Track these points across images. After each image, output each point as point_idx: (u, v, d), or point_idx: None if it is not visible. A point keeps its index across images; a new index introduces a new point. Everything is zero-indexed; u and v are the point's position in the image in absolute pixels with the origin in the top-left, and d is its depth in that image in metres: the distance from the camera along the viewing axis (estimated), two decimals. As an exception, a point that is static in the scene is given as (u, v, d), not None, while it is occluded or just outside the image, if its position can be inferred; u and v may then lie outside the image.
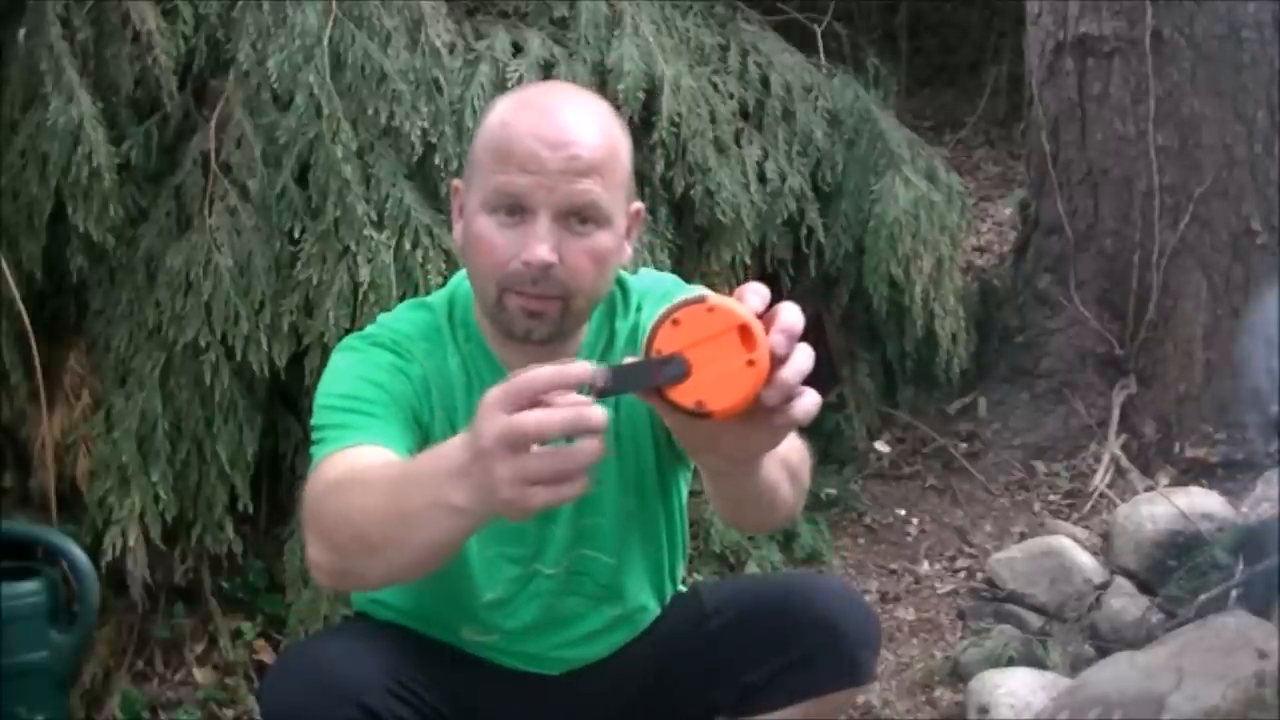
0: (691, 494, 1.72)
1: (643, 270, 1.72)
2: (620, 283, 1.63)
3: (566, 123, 1.48)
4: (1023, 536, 3.40)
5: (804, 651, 1.59)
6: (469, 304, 1.59)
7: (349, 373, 1.53)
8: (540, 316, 1.49)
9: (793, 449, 1.40)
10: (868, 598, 3.25)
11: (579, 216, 1.47)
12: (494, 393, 1.13)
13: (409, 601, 1.64)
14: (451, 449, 1.19)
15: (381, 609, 1.67)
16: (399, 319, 1.62)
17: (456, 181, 1.59)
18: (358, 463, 1.40)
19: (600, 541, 1.61)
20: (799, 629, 1.59)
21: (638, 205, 1.58)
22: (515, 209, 1.46)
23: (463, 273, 1.63)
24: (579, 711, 1.68)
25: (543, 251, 1.44)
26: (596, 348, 1.61)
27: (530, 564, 1.60)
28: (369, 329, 1.62)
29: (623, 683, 1.68)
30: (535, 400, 1.11)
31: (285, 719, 1.48)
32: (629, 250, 1.57)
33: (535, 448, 1.11)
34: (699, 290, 1.20)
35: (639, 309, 1.62)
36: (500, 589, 1.60)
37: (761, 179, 3.42)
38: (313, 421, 1.52)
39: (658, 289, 1.64)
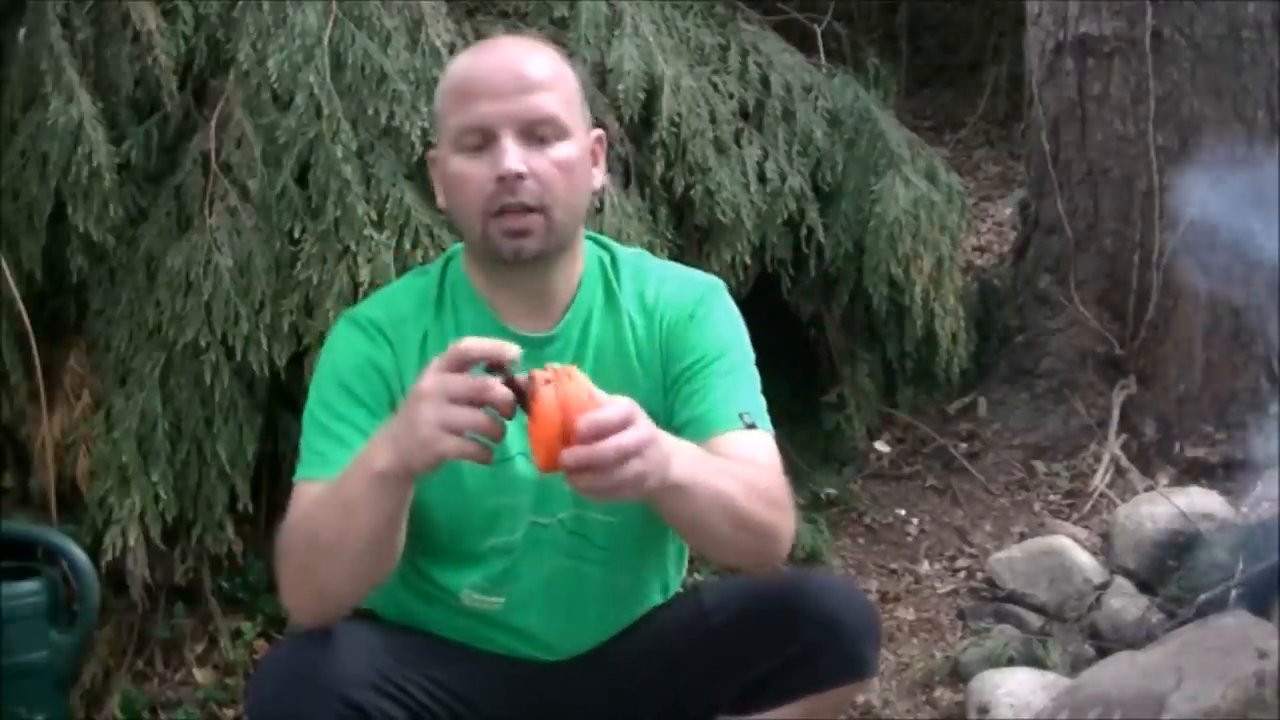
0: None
1: (636, 248, 1.79)
2: (603, 244, 1.73)
3: (512, 53, 1.62)
4: (1023, 536, 3.40)
5: (805, 647, 1.59)
6: (460, 267, 1.68)
7: (331, 373, 1.63)
8: (525, 234, 1.58)
9: (745, 492, 1.48)
10: (867, 598, 3.25)
11: (538, 132, 1.57)
12: (440, 356, 1.36)
13: (412, 563, 1.64)
14: (380, 430, 1.42)
15: (383, 596, 1.67)
16: (392, 292, 1.72)
17: (431, 151, 1.70)
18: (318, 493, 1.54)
19: (601, 503, 1.62)
20: (799, 624, 1.59)
21: (599, 131, 1.69)
22: (481, 138, 1.57)
23: (455, 245, 1.73)
24: (574, 707, 1.68)
25: (511, 162, 1.54)
26: (595, 302, 1.67)
27: (529, 514, 1.63)
28: (360, 306, 1.74)
29: (619, 678, 1.67)
30: (471, 363, 1.33)
31: (269, 713, 1.49)
32: (599, 176, 1.68)
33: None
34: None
35: (637, 286, 1.69)
36: (501, 536, 1.62)
37: (761, 179, 3.42)
38: (303, 427, 1.63)
39: (670, 272, 1.73)
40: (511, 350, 1.32)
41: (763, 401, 1.66)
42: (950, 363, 3.67)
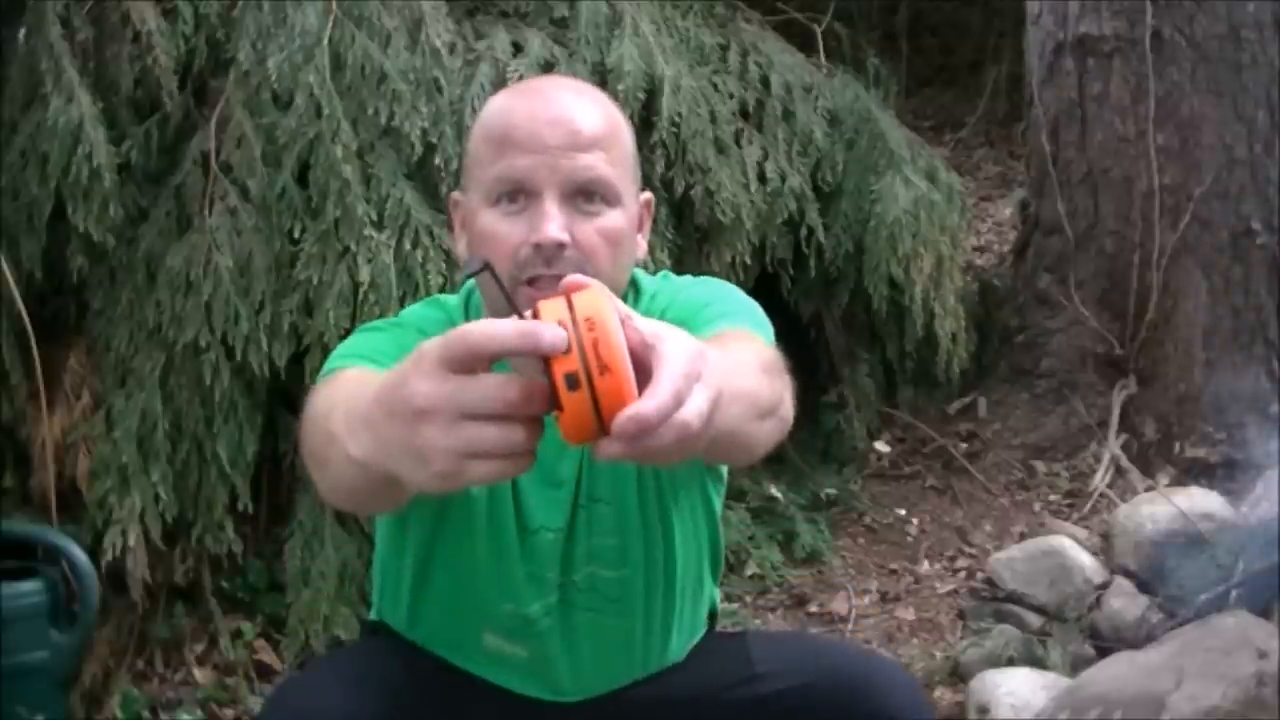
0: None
1: (663, 271, 1.64)
2: (634, 282, 1.54)
3: (564, 102, 1.42)
4: (1023, 536, 3.40)
5: None
6: (480, 304, 1.52)
7: (374, 339, 1.45)
8: None
9: (760, 376, 1.26)
10: (868, 598, 3.26)
11: (586, 194, 1.39)
12: (436, 345, 0.96)
13: (431, 599, 1.57)
14: (367, 391, 1.04)
15: (400, 621, 1.60)
16: (418, 312, 1.56)
17: (455, 194, 1.52)
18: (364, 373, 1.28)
19: (608, 557, 1.53)
20: None
21: (648, 195, 1.52)
22: (519, 194, 1.39)
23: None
24: None
25: (553, 229, 1.36)
26: None
27: (556, 581, 1.52)
28: (392, 318, 1.57)
29: (647, 718, 1.59)
30: (485, 360, 0.96)
31: None
32: (643, 244, 1.50)
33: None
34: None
35: (647, 311, 1.51)
36: (527, 604, 1.53)
37: (761, 179, 3.42)
38: (323, 368, 1.42)
39: (674, 279, 1.57)
40: (549, 338, 0.93)
41: (765, 331, 1.46)
42: (950, 363, 3.67)
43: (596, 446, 0.96)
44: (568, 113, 1.41)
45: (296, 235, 2.79)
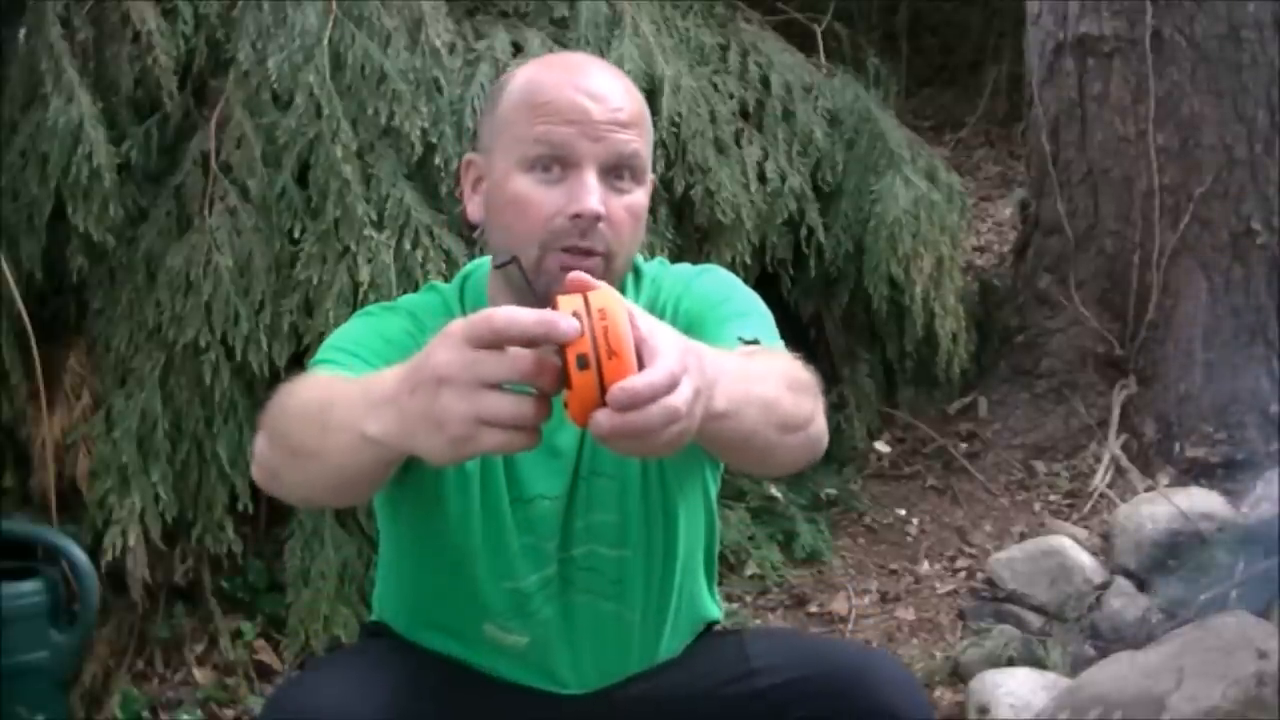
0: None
1: (659, 258, 1.68)
2: (633, 265, 1.59)
3: (603, 78, 1.48)
4: (1023, 536, 3.40)
5: None
6: (481, 285, 1.56)
7: (361, 329, 1.51)
8: None
9: (783, 388, 1.32)
10: (868, 598, 3.26)
11: (618, 171, 1.45)
12: (462, 323, 1.07)
13: (430, 590, 1.58)
14: (385, 377, 1.16)
15: (400, 619, 1.61)
16: (414, 298, 1.61)
17: (469, 155, 1.55)
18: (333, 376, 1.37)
19: (608, 535, 1.55)
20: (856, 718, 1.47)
21: (652, 177, 1.57)
22: (555, 162, 1.43)
23: (472, 263, 1.60)
24: None
25: (594, 201, 1.41)
26: None
27: (555, 554, 1.54)
28: (388, 302, 1.62)
29: (646, 715, 1.59)
30: (506, 343, 1.06)
31: None
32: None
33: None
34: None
35: (649, 295, 1.57)
36: (526, 576, 1.54)
37: (761, 179, 3.42)
38: (311, 360, 1.48)
39: (675, 268, 1.61)
40: (564, 326, 1.05)
41: (779, 341, 1.49)
42: (950, 363, 3.67)
43: (593, 422, 1.07)
44: (610, 89, 1.46)
45: (296, 235, 2.79)
